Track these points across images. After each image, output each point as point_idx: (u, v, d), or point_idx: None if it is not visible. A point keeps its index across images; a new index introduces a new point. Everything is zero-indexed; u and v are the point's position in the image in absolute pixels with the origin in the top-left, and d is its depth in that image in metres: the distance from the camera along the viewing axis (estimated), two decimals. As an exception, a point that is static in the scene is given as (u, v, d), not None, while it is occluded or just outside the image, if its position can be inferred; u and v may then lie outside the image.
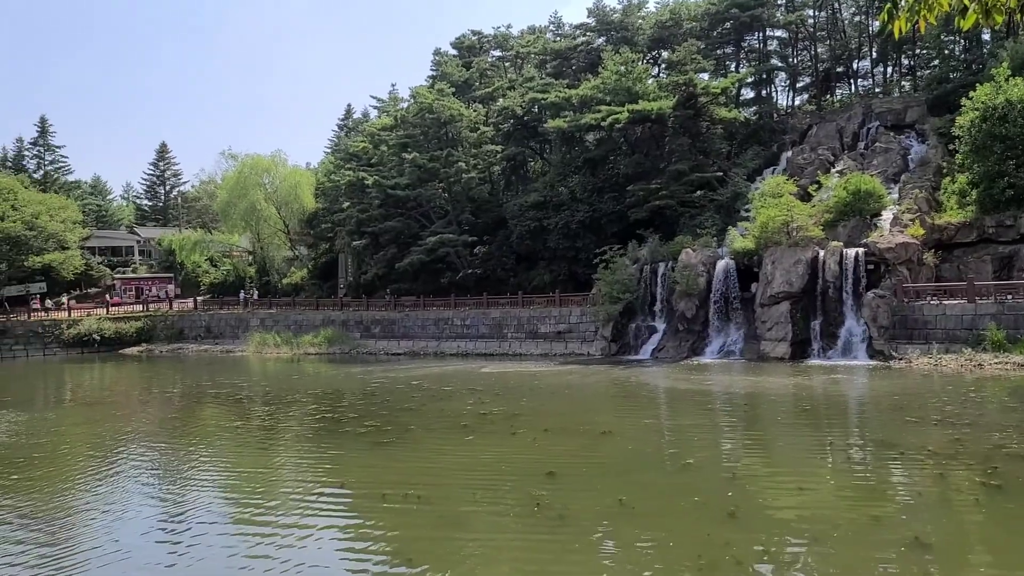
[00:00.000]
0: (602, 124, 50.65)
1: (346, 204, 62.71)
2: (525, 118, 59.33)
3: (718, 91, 52.37)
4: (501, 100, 63.33)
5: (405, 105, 68.80)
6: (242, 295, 64.99)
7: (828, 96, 66.29)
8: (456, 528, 11.87)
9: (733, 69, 64.56)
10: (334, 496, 14.28)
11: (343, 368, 40.89)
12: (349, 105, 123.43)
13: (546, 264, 52.53)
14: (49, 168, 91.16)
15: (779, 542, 10.68)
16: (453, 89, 63.46)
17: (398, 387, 30.80)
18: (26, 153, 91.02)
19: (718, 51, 65.38)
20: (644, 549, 10.77)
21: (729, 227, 42.45)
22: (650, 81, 56.37)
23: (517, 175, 63.43)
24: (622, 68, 53.51)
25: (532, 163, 64.47)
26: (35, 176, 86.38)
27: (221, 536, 11.82)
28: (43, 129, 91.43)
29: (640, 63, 57.59)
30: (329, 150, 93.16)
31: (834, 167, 47.23)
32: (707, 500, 12.86)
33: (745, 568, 9.75)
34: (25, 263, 65.81)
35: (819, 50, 66.33)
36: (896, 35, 6.42)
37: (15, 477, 16.50)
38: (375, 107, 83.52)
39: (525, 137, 60.77)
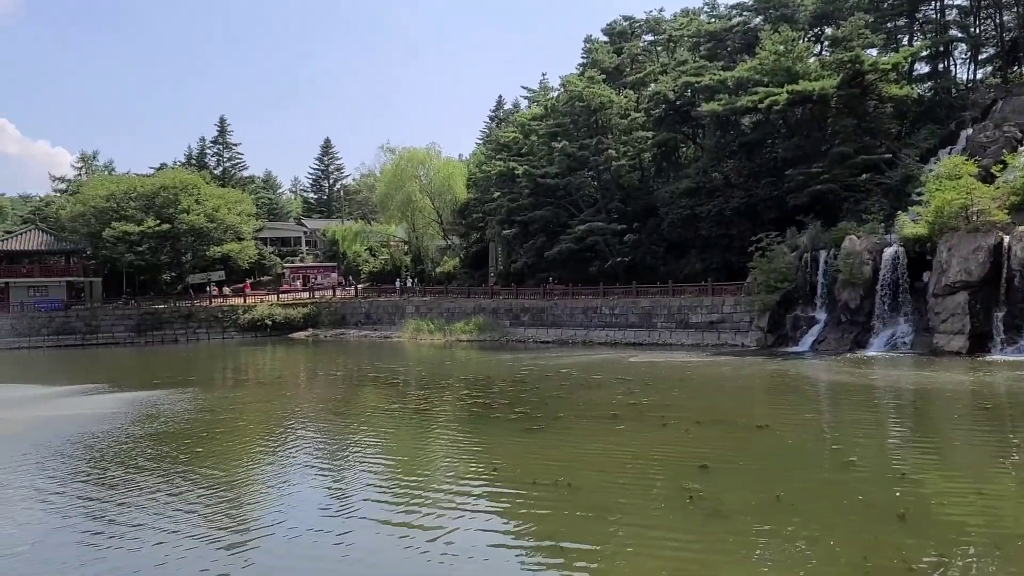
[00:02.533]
0: (759, 106, 48.68)
1: (496, 194, 63.83)
2: (677, 103, 57.91)
3: (888, 67, 48.98)
4: (652, 85, 62.09)
5: (555, 94, 69.14)
6: (398, 283, 67.75)
7: (1016, 68, 60.32)
8: (606, 517, 11.81)
9: (905, 43, 60.15)
10: (487, 480, 14.62)
11: (493, 355, 41.75)
12: (500, 96, 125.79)
13: (698, 252, 51.23)
14: (227, 164, 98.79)
15: (955, 549, 9.92)
16: (603, 76, 62.98)
17: (547, 375, 31.08)
18: (207, 151, 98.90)
19: (888, 24, 60.99)
20: (803, 548, 10.31)
21: (898, 212, 39.73)
22: (811, 60, 53.49)
23: (668, 161, 62.17)
24: (781, 47, 51.11)
25: (684, 149, 62.94)
26: (215, 172, 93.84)
27: (384, 524, 11.90)
28: (222, 128, 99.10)
29: (801, 41, 54.81)
30: (480, 141, 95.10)
31: (1022, 145, 43.17)
32: (873, 500, 12.13)
33: (917, 574, 9.14)
34: (207, 253, 71.91)
35: (1005, 18, 60.42)
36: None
37: (199, 450, 18.03)
38: (525, 97, 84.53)
39: (677, 122, 59.33)
